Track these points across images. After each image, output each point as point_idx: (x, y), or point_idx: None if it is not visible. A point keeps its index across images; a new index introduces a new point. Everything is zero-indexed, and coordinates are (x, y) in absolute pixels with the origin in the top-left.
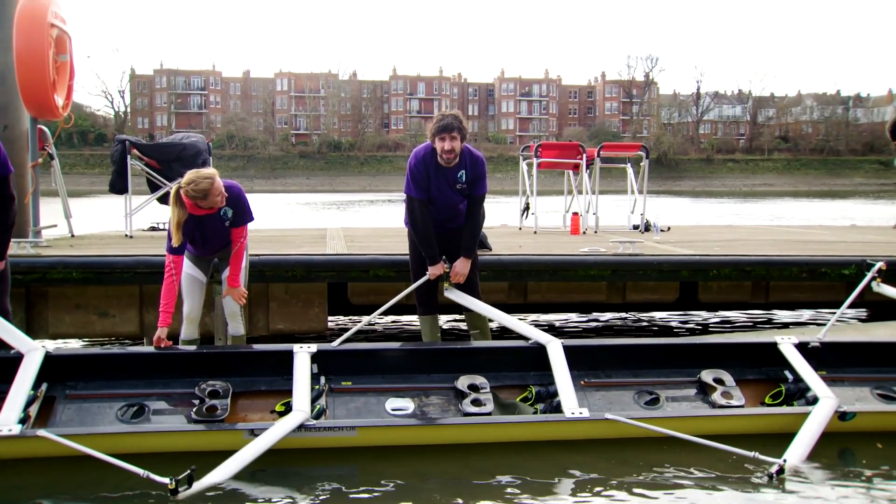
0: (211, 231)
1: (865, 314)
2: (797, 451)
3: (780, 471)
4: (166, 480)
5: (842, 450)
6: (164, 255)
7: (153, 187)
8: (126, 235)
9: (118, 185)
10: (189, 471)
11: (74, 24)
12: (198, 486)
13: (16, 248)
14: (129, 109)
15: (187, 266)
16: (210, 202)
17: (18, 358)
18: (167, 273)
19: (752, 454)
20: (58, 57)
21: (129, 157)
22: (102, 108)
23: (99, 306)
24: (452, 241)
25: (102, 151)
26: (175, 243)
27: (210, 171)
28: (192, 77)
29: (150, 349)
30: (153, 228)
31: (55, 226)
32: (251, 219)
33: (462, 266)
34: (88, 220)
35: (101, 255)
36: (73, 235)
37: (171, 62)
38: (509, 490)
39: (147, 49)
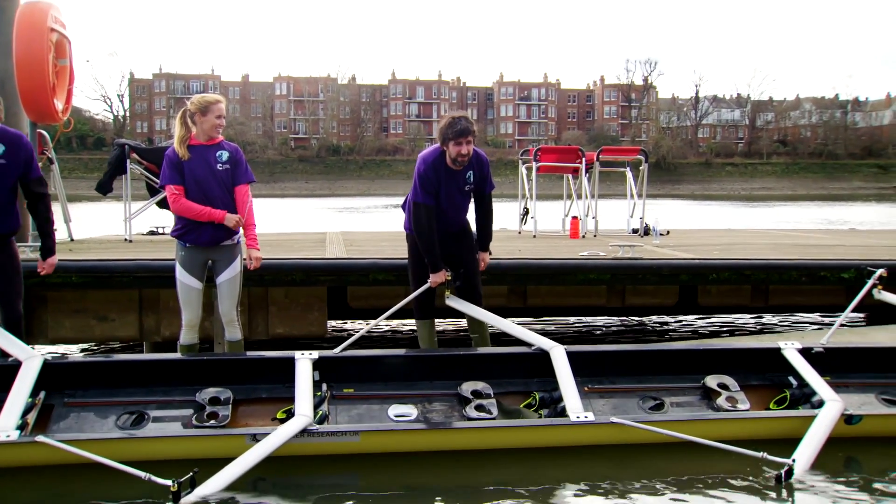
0: (204, 172)
1: (863, 318)
2: (805, 453)
3: (790, 472)
4: (168, 483)
5: (848, 453)
6: (163, 260)
7: (152, 191)
8: (125, 240)
9: (106, 187)
10: (191, 473)
11: (74, 28)
12: (199, 491)
13: None
14: (128, 113)
15: (181, 274)
16: (209, 120)
17: (17, 366)
18: (175, 198)
19: (760, 454)
20: (57, 61)
21: (128, 161)
22: (101, 113)
23: (98, 311)
24: (452, 245)
25: (101, 156)
26: (182, 156)
27: (220, 96)
28: (192, 81)
29: (150, 356)
30: (152, 233)
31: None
32: (250, 177)
33: (485, 258)
34: (88, 225)
35: (100, 260)
36: (72, 239)
37: (170, 66)
38: (514, 496)
39: (146, 53)
